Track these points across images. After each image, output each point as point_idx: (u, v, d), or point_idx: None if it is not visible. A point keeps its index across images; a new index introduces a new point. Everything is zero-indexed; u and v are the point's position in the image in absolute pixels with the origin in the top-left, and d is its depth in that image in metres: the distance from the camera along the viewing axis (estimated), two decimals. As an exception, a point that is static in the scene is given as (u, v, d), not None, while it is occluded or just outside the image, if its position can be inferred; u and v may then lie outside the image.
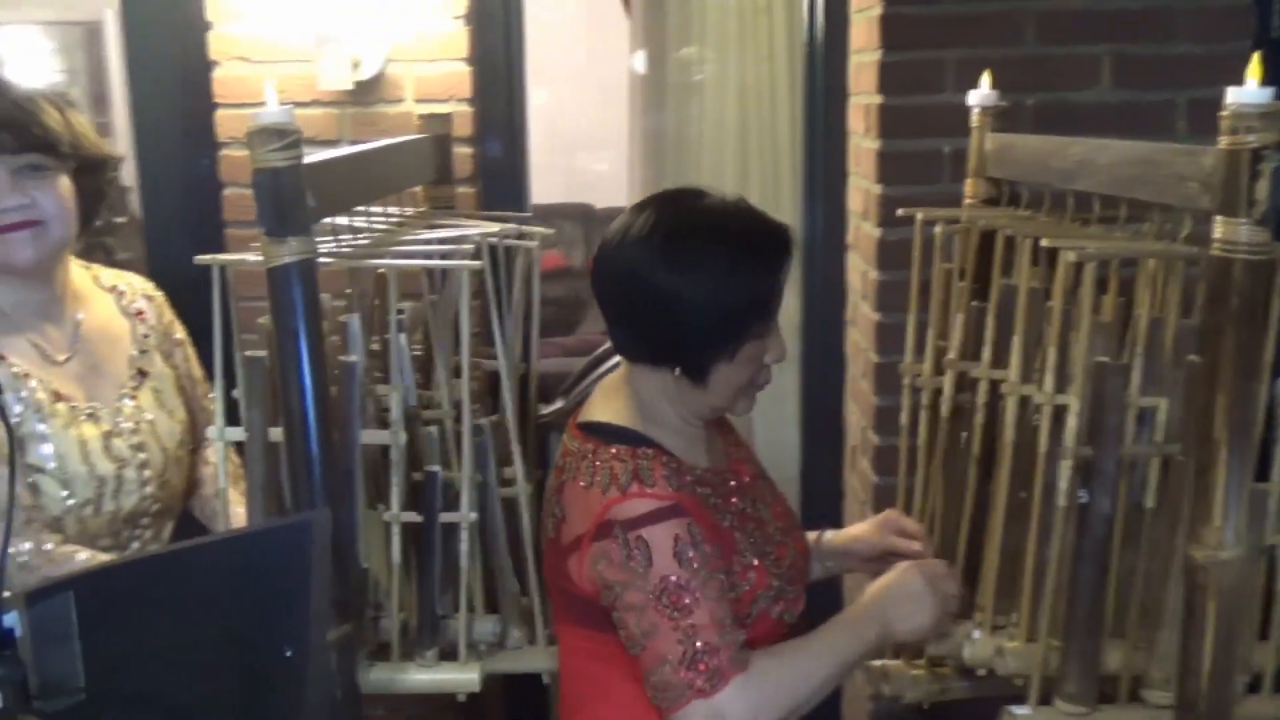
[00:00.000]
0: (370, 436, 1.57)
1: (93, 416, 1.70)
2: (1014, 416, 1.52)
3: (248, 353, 1.56)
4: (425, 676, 1.62)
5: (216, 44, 2.46)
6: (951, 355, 1.67)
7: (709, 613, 1.38)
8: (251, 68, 2.46)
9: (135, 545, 1.77)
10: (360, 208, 1.76)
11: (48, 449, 1.64)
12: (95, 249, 1.95)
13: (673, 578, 1.38)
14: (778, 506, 1.63)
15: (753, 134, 3.09)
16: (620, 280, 1.45)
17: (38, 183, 1.63)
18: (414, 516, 1.59)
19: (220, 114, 2.49)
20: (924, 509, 1.76)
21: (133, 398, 1.76)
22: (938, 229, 1.72)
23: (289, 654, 1.18)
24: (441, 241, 1.67)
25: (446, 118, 2.08)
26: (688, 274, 1.41)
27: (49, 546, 1.59)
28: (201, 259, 1.53)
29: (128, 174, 2.36)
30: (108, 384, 1.75)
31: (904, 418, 1.80)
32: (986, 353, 1.58)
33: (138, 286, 1.87)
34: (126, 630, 1.14)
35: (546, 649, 1.69)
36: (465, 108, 2.46)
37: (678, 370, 1.46)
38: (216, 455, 1.62)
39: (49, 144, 1.63)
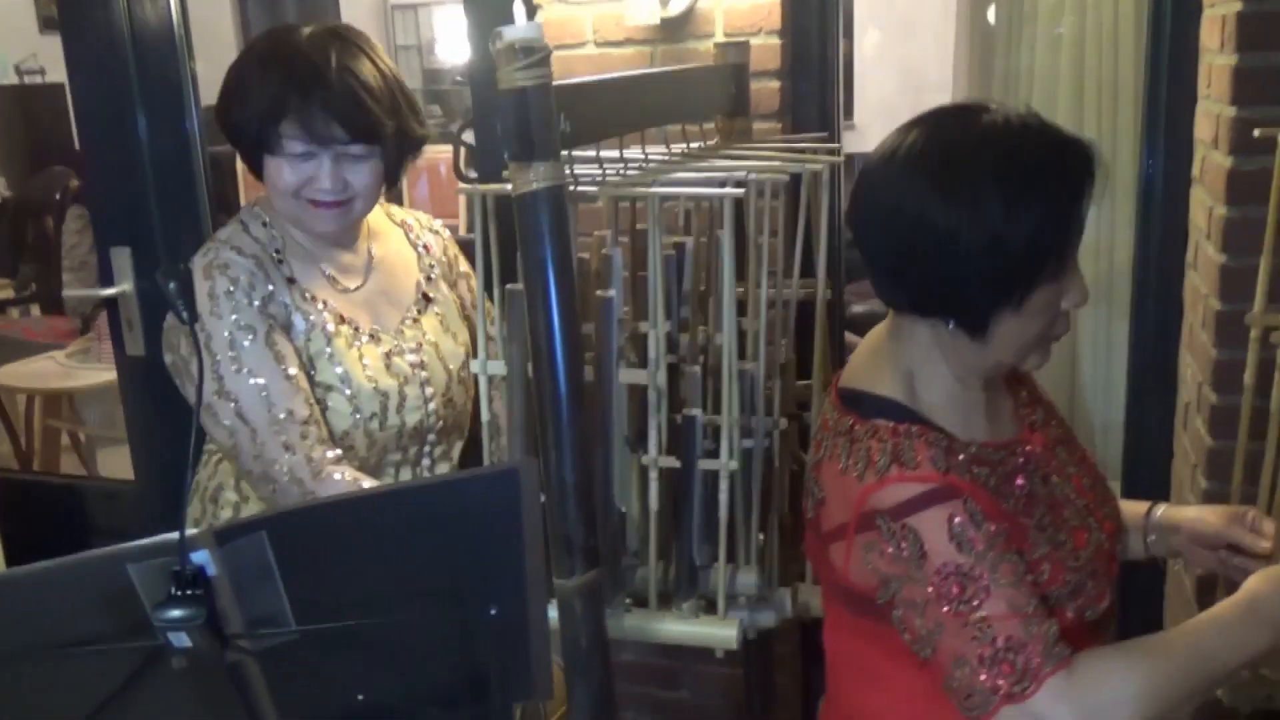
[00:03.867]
0: (628, 376, 1.36)
1: (374, 338, 1.63)
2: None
3: (508, 285, 1.38)
4: (680, 628, 1.41)
5: (539, -13, 2.30)
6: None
7: (1007, 601, 1.07)
8: (571, 9, 2.29)
9: (426, 462, 1.70)
10: (634, 136, 1.53)
11: (334, 367, 1.58)
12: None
13: (954, 565, 1.08)
14: (1081, 478, 1.27)
15: (1090, 57, 2.60)
16: (883, 212, 1.14)
17: (354, 166, 1.55)
18: (673, 462, 1.37)
19: (540, 55, 2.34)
20: (1271, 485, 1.33)
21: (416, 321, 1.69)
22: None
23: (493, 612, 0.99)
24: (712, 173, 1.42)
25: (743, 47, 1.81)
26: (966, 206, 1.08)
27: (316, 456, 1.50)
28: (463, 188, 1.36)
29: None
30: (394, 309, 1.68)
31: (1248, 376, 1.37)
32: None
33: (424, 222, 1.80)
34: (331, 572, 0.99)
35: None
36: (774, 40, 2.18)
37: (951, 324, 1.14)
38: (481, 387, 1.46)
39: (375, 136, 1.54)
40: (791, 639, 2.34)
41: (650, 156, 1.53)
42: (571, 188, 1.33)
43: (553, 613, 1.31)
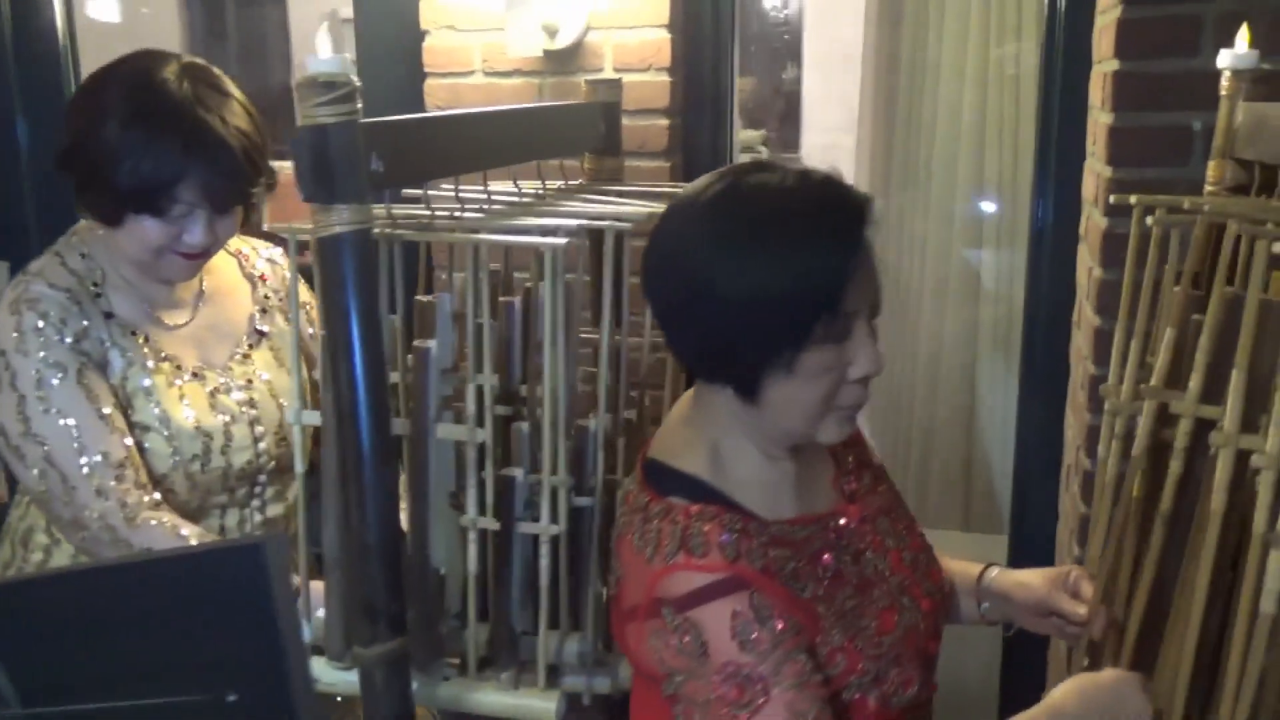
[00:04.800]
0: (445, 431, 1.28)
1: (198, 375, 1.55)
2: (1226, 475, 1.03)
3: (322, 331, 1.29)
4: (498, 699, 1.32)
5: (428, 12, 2.23)
6: (1154, 381, 1.19)
7: (785, 706, 0.99)
8: (460, 36, 2.22)
9: (255, 503, 1.61)
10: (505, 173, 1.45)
11: (152, 406, 1.49)
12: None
13: (735, 665, 1.01)
14: (901, 552, 1.20)
15: (992, 103, 2.56)
16: (661, 258, 1.09)
17: (224, 218, 1.48)
18: (492, 524, 1.29)
19: (429, 83, 2.27)
20: (1104, 560, 1.28)
21: (247, 356, 1.60)
22: (1151, 218, 1.23)
23: (232, 699, 0.90)
24: (553, 218, 1.35)
25: (615, 84, 1.75)
26: (725, 257, 1.02)
27: (131, 501, 1.40)
28: (274, 226, 1.28)
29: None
30: (223, 343, 1.59)
31: (1100, 447, 1.32)
32: (1195, 382, 1.10)
33: (261, 251, 1.70)
34: (58, 651, 0.90)
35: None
36: (663, 77, 2.12)
37: (729, 388, 1.08)
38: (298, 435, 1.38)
39: (254, 192, 1.48)
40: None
41: (495, 197, 1.46)
42: (379, 231, 1.25)
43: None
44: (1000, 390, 3.06)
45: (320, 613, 1.35)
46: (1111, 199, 1.33)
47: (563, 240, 1.20)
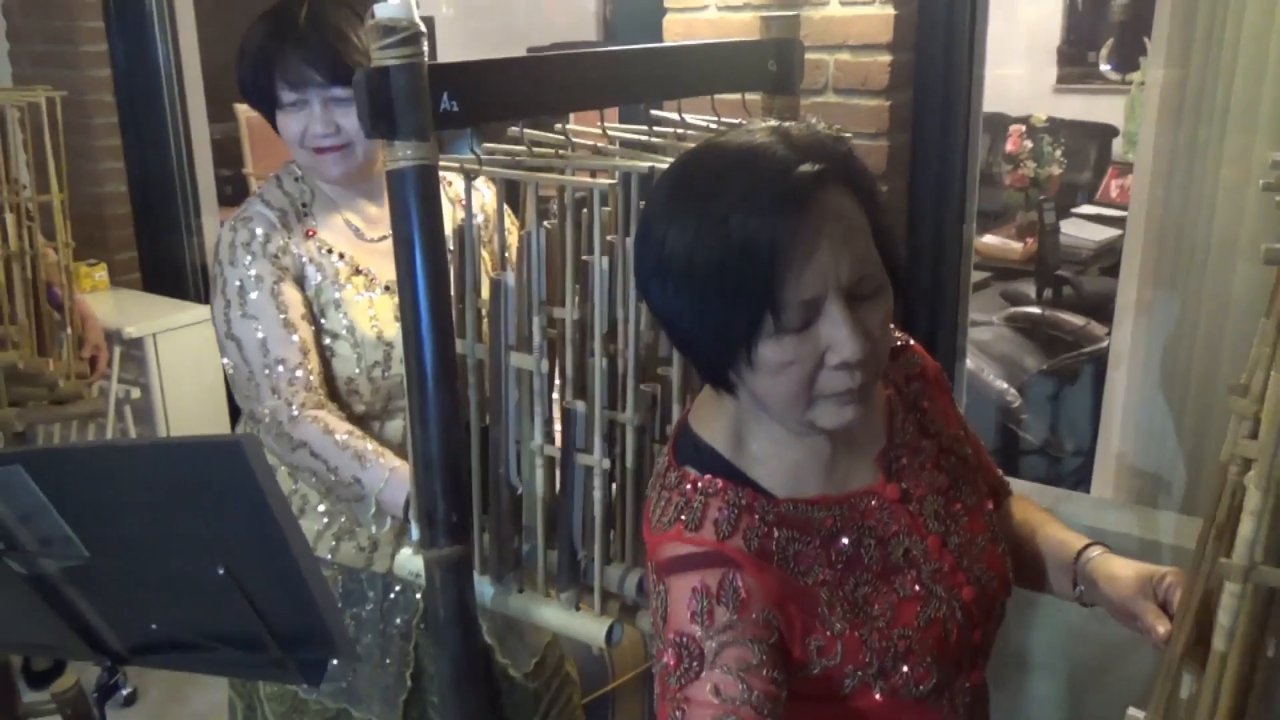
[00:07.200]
0: (516, 360, 1.35)
1: (389, 289, 1.70)
2: None
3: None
4: (557, 616, 1.40)
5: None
6: None
7: (713, 686, 0.96)
8: (697, -29, 2.24)
9: None
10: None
11: (341, 316, 1.67)
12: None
13: (683, 635, 0.99)
14: (946, 536, 1.11)
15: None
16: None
17: (344, 110, 1.62)
18: (554, 451, 1.35)
19: (668, 19, 2.31)
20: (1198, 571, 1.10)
21: None
22: None
23: (220, 571, 1.05)
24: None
25: (792, 20, 1.69)
26: (658, 232, 0.97)
27: (296, 402, 1.59)
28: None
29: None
30: None
31: None
32: None
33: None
34: (101, 507, 1.08)
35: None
36: (888, 9, 2.02)
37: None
38: None
39: (350, 77, 1.59)
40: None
41: (620, 135, 1.48)
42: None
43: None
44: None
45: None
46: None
47: (607, 182, 1.22)
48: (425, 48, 1.20)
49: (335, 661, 1.64)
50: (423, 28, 1.19)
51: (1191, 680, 1.09)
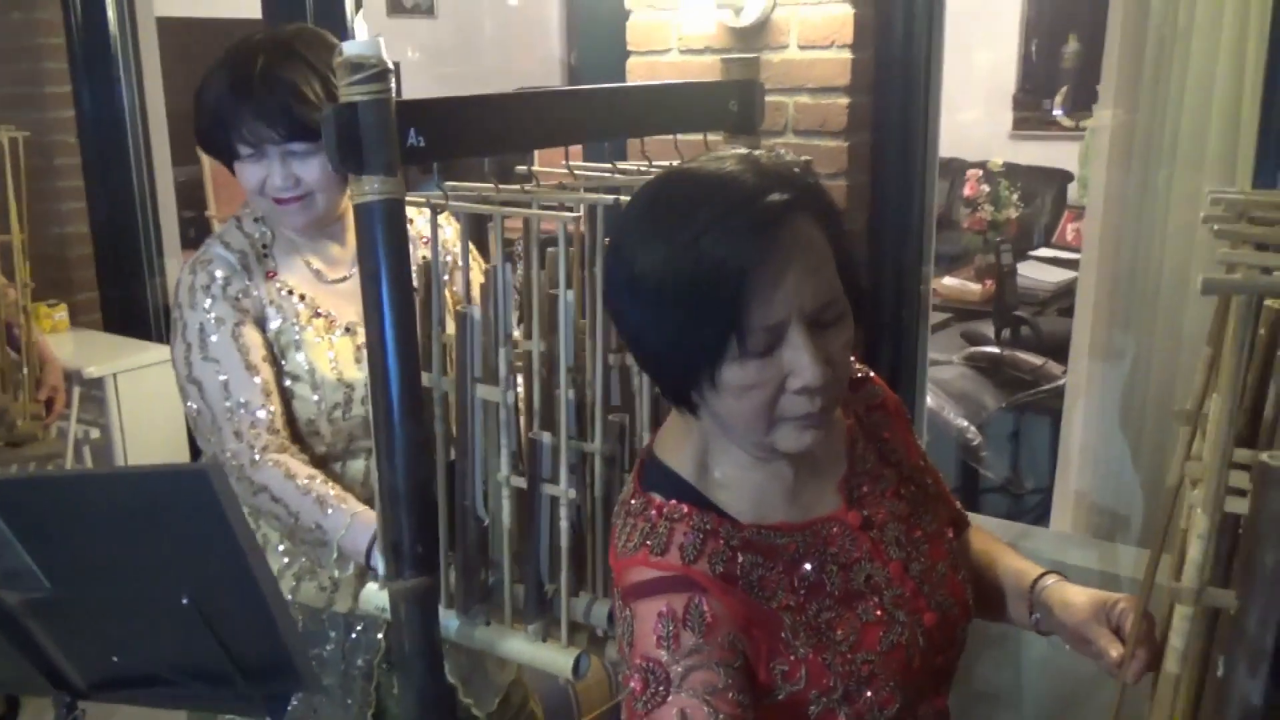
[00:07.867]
0: (482, 392, 1.36)
1: (350, 330, 1.70)
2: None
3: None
4: (524, 648, 1.40)
5: (634, -9, 2.31)
6: None
7: (678, 712, 0.96)
8: (660, 14, 2.29)
9: None
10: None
11: (300, 357, 1.67)
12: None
13: (650, 661, 0.99)
14: (907, 563, 1.13)
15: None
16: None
17: (301, 162, 1.62)
18: (521, 482, 1.36)
19: (631, 61, 2.35)
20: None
21: None
22: None
23: (185, 601, 1.05)
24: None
25: (751, 63, 1.73)
26: (629, 252, 0.99)
27: (258, 445, 1.59)
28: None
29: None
30: None
31: None
32: None
33: (428, 215, 1.82)
34: (63, 538, 1.08)
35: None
36: (844, 54, 2.07)
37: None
38: None
39: (311, 131, 1.60)
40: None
41: (582, 173, 1.51)
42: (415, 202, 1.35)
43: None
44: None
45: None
46: None
47: (574, 214, 1.24)
48: (393, 84, 1.22)
49: (296, 700, 1.62)
50: (390, 64, 1.21)
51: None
